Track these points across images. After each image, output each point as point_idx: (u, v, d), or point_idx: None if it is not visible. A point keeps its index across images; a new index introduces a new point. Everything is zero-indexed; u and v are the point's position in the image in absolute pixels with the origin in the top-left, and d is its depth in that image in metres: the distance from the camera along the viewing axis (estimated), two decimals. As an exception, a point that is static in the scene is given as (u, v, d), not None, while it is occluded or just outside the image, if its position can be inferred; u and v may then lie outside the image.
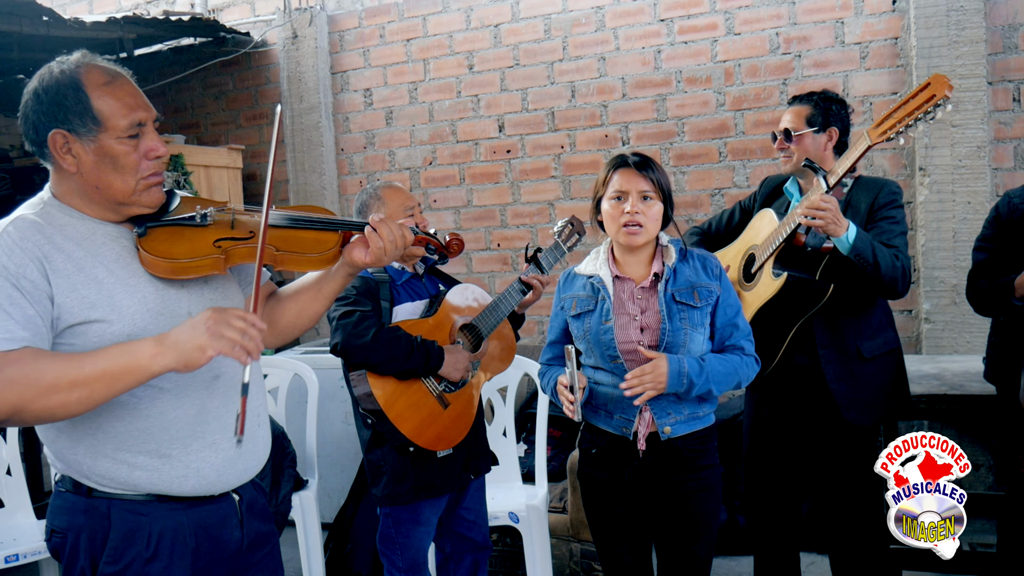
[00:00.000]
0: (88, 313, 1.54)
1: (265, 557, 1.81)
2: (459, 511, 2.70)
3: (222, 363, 1.66)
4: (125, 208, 1.63)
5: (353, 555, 3.43)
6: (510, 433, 3.40)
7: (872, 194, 2.70)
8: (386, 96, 5.01)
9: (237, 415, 1.52)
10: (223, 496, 1.70)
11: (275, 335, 1.89)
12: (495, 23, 4.68)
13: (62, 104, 1.55)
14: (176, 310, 1.64)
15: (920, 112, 2.42)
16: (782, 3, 4.06)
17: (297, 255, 1.70)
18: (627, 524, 2.32)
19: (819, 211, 2.43)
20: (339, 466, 4.11)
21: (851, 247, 2.48)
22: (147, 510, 1.62)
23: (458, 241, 2.04)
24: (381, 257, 1.75)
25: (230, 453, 1.68)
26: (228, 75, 5.43)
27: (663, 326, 2.21)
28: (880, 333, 2.74)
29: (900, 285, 2.57)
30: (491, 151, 4.76)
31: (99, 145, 1.56)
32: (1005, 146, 3.73)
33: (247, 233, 1.68)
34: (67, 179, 1.61)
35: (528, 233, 4.71)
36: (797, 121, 2.75)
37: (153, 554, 1.61)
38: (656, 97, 4.34)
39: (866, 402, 2.69)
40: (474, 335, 2.65)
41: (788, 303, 2.61)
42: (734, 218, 3.04)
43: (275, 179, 5.30)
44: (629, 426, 2.23)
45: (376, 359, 2.43)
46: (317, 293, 1.85)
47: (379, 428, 2.48)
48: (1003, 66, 3.69)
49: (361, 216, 2.66)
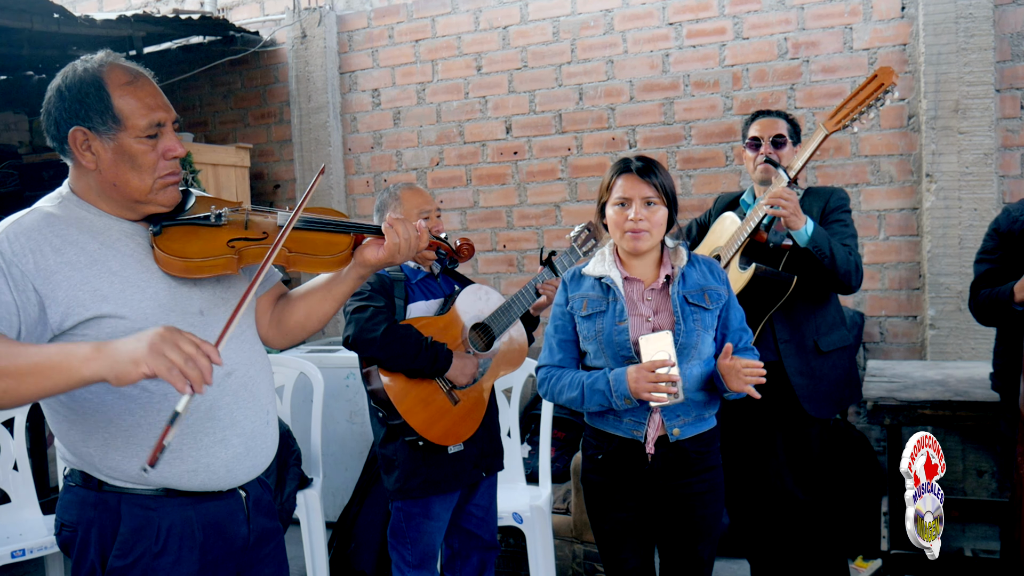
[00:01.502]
0: (100, 307, 1.55)
1: (270, 553, 1.82)
2: (469, 507, 2.73)
3: (234, 360, 1.68)
4: (141, 206, 1.66)
5: (357, 554, 3.45)
6: (514, 434, 3.41)
7: (823, 200, 2.91)
8: (394, 96, 5.02)
9: (169, 444, 1.40)
10: (230, 492, 1.72)
11: (283, 335, 1.91)
12: (504, 25, 4.69)
13: (84, 102, 1.57)
14: (188, 308, 1.66)
15: (871, 99, 2.67)
16: (791, 8, 4.06)
17: (309, 256, 1.72)
18: (633, 528, 2.32)
19: (782, 200, 2.61)
20: (343, 465, 4.12)
21: (809, 239, 2.67)
22: (156, 504, 1.63)
23: (468, 246, 2.07)
24: (395, 254, 1.76)
25: (239, 449, 1.70)
26: (236, 74, 5.45)
27: (678, 327, 2.21)
28: (834, 329, 2.95)
29: (854, 279, 2.78)
30: (498, 152, 4.77)
31: (118, 143, 1.59)
32: (1012, 153, 3.74)
33: (260, 234, 1.71)
34: (86, 175, 1.64)
35: (534, 235, 4.72)
36: (783, 131, 2.94)
37: (162, 548, 1.62)
38: (664, 100, 4.35)
39: (824, 395, 2.90)
40: (486, 335, 2.67)
41: (756, 297, 2.74)
42: (691, 233, 3.20)
43: (282, 179, 5.35)
44: (640, 428, 2.23)
45: (384, 354, 2.48)
46: (327, 294, 1.86)
47: (389, 421, 2.52)
48: (1011, 74, 3.70)
49: (380, 214, 2.70)
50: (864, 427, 3.97)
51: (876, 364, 3.72)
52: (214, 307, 1.71)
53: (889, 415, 3.05)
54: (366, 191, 5.15)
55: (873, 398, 3.08)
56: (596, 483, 2.34)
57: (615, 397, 2.17)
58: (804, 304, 2.86)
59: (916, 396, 3.07)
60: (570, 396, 2.26)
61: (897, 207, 3.95)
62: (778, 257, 2.80)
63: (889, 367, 3.64)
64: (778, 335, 2.86)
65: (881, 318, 4.00)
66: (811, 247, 2.68)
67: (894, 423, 3.10)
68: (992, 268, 2.76)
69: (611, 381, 2.17)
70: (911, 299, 3.96)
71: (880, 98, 2.65)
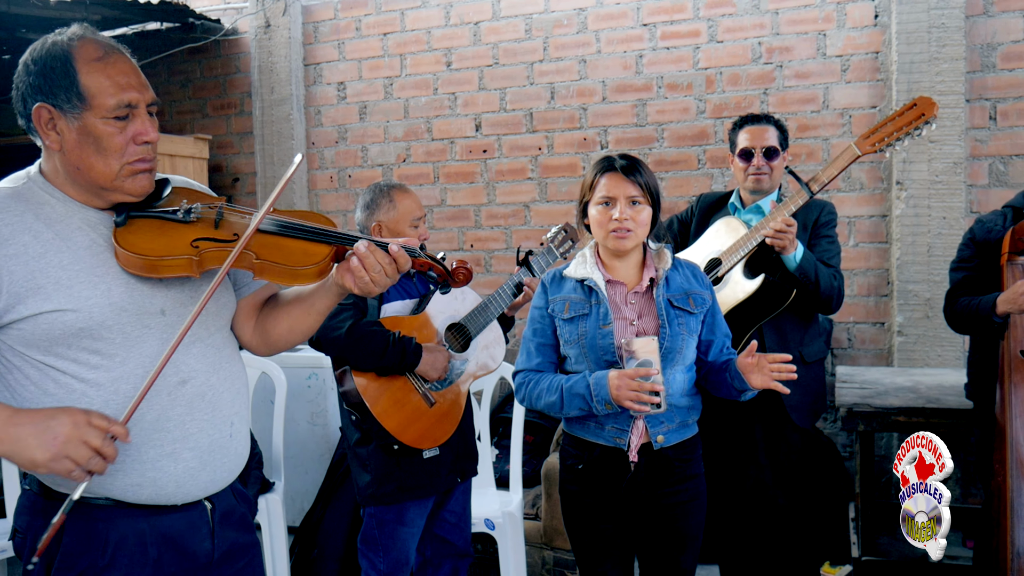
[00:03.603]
0: (42, 304, 1.44)
1: (242, 570, 1.68)
2: (443, 513, 2.64)
3: (192, 367, 1.56)
4: (108, 193, 1.54)
5: (320, 560, 3.33)
6: (485, 437, 3.33)
7: (814, 213, 2.94)
8: (360, 90, 4.90)
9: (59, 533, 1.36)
10: (193, 504, 1.59)
11: (267, 345, 1.78)
12: (475, 20, 4.61)
13: (49, 77, 1.46)
14: (147, 307, 1.53)
15: (909, 128, 2.70)
16: (765, 13, 4.06)
17: (279, 266, 1.52)
18: (614, 540, 2.25)
19: (783, 234, 2.69)
20: (303, 468, 4.00)
21: (797, 266, 2.75)
22: (105, 515, 1.51)
23: (465, 270, 1.74)
24: (369, 289, 1.57)
25: (192, 464, 1.56)
26: (196, 62, 5.27)
27: (663, 330, 2.16)
28: (816, 340, 3.02)
29: (835, 303, 2.87)
30: (467, 150, 4.68)
31: (83, 123, 1.47)
32: (980, 163, 3.78)
33: (231, 235, 1.54)
34: (52, 157, 1.53)
35: (503, 235, 4.64)
36: (774, 142, 2.95)
37: (109, 562, 1.50)
38: (636, 102, 4.31)
39: (808, 405, 2.96)
40: (462, 335, 2.59)
41: (755, 306, 2.79)
42: (673, 228, 3.21)
43: (242, 172, 5.19)
44: (623, 436, 2.16)
45: (350, 353, 2.38)
46: (309, 308, 1.71)
47: (363, 424, 2.41)
48: (981, 84, 3.74)
49: (367, 213, 2.56)
50: (831, 432, 3.98)
51: (846, 370, 3.73)
52: (178, 307, 1.57)
53: (863, 422, 3.05)
54: (330, 186, 5.02)
55: (847, 404, 3.07)
56: (576, 493, 2.26)
57: (595, 402, 2.09)
58: (791, 315, 2.89)
59: (889, 403, 3.07)
60: (548, 401, 2.18)
61: (867, 214, 3.97)
62: (778, 265, 2.82)
63: (859, 373, 3.65)
64: (767, 344, 2.87)
65: (849, 324, 4.02)
66: (798, 273, 2.76)
67: (867, 430, 3.10)
68: (969, 276, 2.78)
69: (591, 385, 2.10)
70: (879, 306, 3.98)
71: (919, 128, 2.66)
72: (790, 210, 2.76)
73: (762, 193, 2.98)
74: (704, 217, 3.11)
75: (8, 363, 1.49)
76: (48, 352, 1.47)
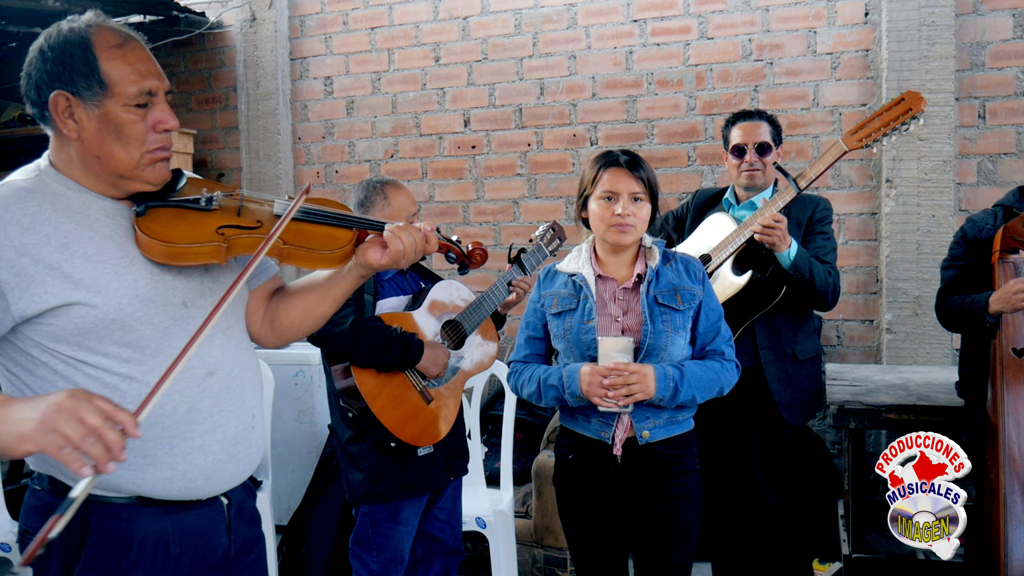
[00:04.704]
0: (70, 294, 1.41)
1: (251, 564, 1.68)
2: (434, 511, 2.63)
3: (217, 358, 1.55)
4: (126, 183, 1.51)
5: (308, 559, 3.30)
6: (475, 435, 3.31)
7: (809, 209, 2.93)
8: (347, 85, 4.86)
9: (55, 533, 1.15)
10: (211, 500, 1.57)
11: (276, 335, 1.75)
12: (464, 15, 4.58)
13: (68, 64, 1.43)
14: (170, 298, 1.51)
15: (896, 123, 2.66)
16: (756, 9, 4.05)
17: (306, 250, 1.56)
18: (603, 531, 2.27)
19: (771, 230, 2.66)
20: (291, 466, 3.96)
21: (791, 263, 2.73)
22: (128, 514, 1.48)
23: (481, 251, 1.87)
24: (399, 260, 1.61)
25: (220, 456, 1.55)
26: (180, 56, 5.20)
27: (645, 328, 2.16)
28: (809, 338, 3.00)
29: (830, 300, 2.85)
30: (455, 146, 4.65)
31: (104, 111, 1.45)
32: (969, 161, 3.79)
33: (254, 222, 1.55)
34: (67, 146, 1.49)
35: (492, 231, 4.62)
36: (767, 138, 2.94)
37: (133, 562, 1.47)
38: (627, 98, 4.30)
39: (800, 403, 2.94)
40: (456, 332, 2.57)
41: (744, 302, 2.76)
42: (668, 223, 3.20)
43: (227, 167, 5.13)
44: (607, 430, 2.18)
45: (353, 349, 2.35)
46: (325, 294, 1.71)
47: (361, 422, 2.39)
48: (970, 83, 3.75)
49: (362, 210, 2.55)
50: (819, 430, 3.99)
51: (835, 368, 3.74)
52: (199, 298, 1.56)
53: (854, 419, 3.05)
54: (316, 182, 4.97)
55: (838, 402, 3.07)
56: (567, 482, 2.30)
57: (567, 394, 2.15)
58: (784, 312, 2.88)
59: (880, 400, 3.07)
60: (529, 391, 2.26)
61: (856, 212, 3.98)
62: (767, 262, 2.81)
63: (848, 371, 3.65)
64: (759, 341, 2.87)
65: (838, 321, 4.02)
66: (792, 271, 2.74)
67: (859, 427, 3.10)
68: (961, 274, 2.78)
69: (564, 377, 2.15)
70: (868, 303, 3.98)
71: (906, 123, 2.64)
72: (778, 206, 2.76)
73: (756, 189, 2.97)
74: (699, 213, 3.10)
75: (34, 360, 1.45)
76: (79, 347, 1.44)
